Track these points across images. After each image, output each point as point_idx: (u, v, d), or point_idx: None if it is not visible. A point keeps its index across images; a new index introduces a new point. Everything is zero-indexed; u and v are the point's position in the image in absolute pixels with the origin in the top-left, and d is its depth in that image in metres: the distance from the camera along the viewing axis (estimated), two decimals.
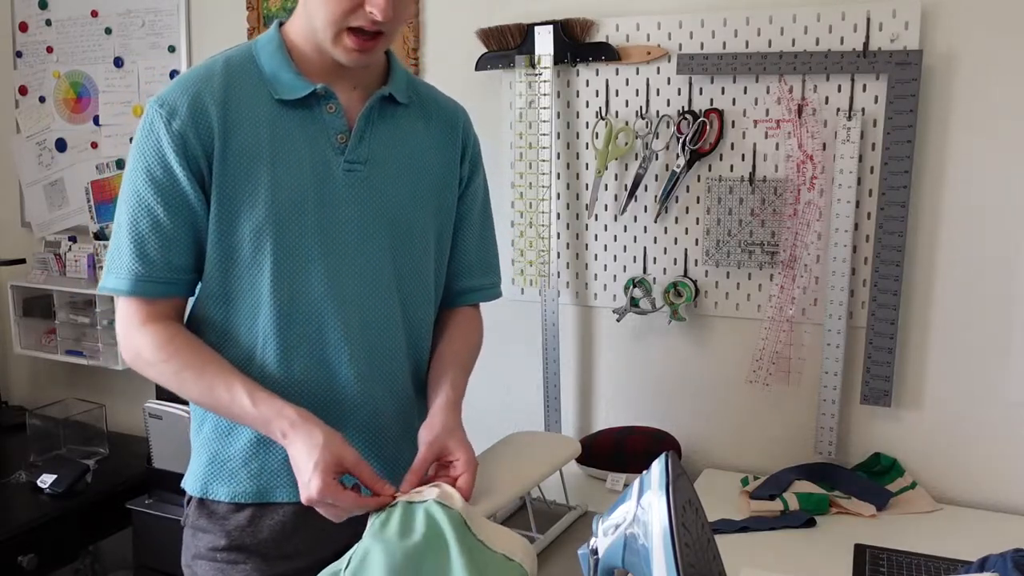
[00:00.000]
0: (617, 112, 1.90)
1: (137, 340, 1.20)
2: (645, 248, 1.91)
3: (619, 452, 1.86)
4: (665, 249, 1.90)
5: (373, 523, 1.09)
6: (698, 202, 1.85)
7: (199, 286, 1.24)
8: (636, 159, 1.88)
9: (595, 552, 1.00)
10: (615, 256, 1.95)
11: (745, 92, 1.78)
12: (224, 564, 1.25)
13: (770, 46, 1.75)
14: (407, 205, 1.27)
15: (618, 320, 1.91)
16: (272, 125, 1.20)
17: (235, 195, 1.18)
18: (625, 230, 1.93)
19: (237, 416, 1.17)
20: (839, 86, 1.71)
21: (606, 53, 1.87)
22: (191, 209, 1.18)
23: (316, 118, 1.22)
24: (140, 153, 1.18)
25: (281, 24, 1.27)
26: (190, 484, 1.29)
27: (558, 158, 1.96)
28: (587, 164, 1.95)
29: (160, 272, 1.19)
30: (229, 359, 1.21)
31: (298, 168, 1.20)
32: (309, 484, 1.09)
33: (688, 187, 1.86)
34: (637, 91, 1.88)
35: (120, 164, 2.50)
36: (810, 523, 1.58)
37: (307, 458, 1.10)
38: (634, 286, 1.89)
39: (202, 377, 1.18)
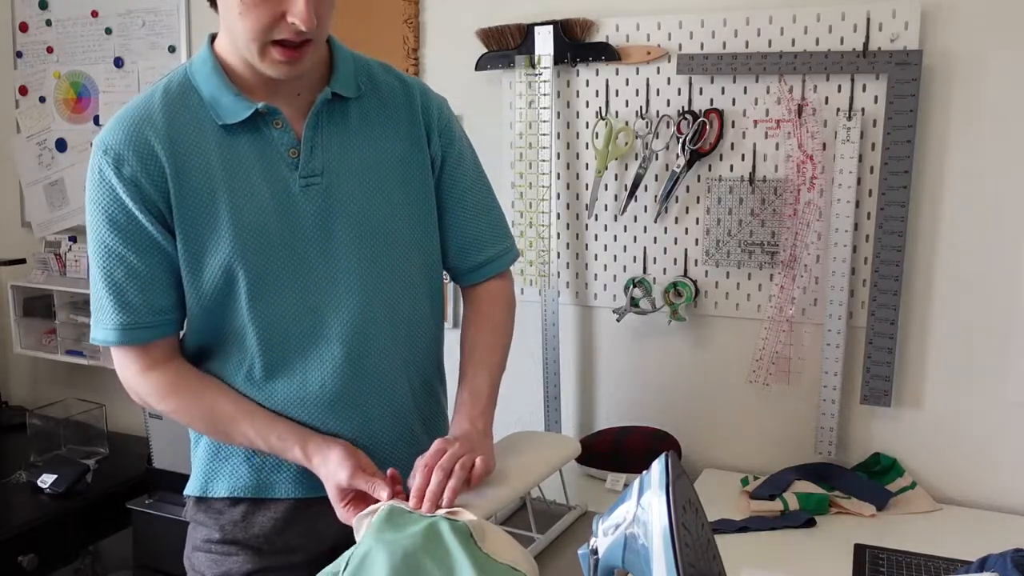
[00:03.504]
0: (617, 112, 1.90)
1: (139, 388, 1.22)
2: (645, 248, 1.91)
3: (619, 452, 1.86)
4: (665, 249, 1.90)
5: (371, 522, 1.09)
6: (698, 202, 1.85)
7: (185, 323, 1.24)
8: (636, 159, 1.88)
9: (595, 552, 1.00)
10: (615, 256, 1.95)
11: (745, 92, 1.78)
12: (218, 555, 1.27)
13: (770, 46, 1.75)
14: (374, 206, 1.24)
15: (618, 320, 1.91)
16: (222, 154, 1.17)
17: (198, 232, 1.17)
18: (625, 230, 1.93)
19: (256, 448, 1.21)
20: (839, 86, 1.71)
21: (606, 53, 1.87)
22: (161, 250, 1.17)
23: (265, 137, 1.18)
24: (97, 203, 1.16)
25: (213, 39, 1.21)
26: (191, 487, 1.30)
27: (558, 158, 1.96)
28: (587, 164, 1.95)
29: (145, 317, 1.18)
30: None
31: (255, 193, 1.17)
32: (337, 471, 1.14)
33: (688, 187, 1.86)
34: (637, 91, 1.88)
35: None
36: (810, 523, 1.58)
37: (329, 452, 1.16)
38: (634, 286, 1.89)
39: (215, 424, 1.21)
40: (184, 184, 1.15)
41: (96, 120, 2.52)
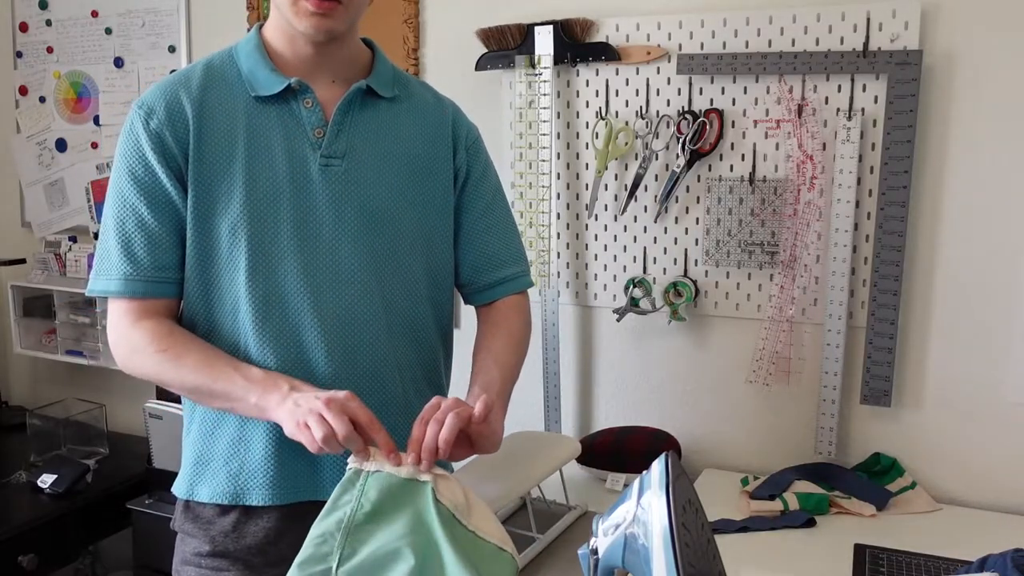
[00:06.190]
0: (617, 112, 1.90)
1: (131, 336, 1.19)
2: (645, 248, 1.91)
3: (619, 452, 1.86)
4: (665, 249, 1.90)
5: (360, 499, 1.06)
6: (698, 202, 1.86)
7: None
8: (636, 159, 1.88)
9: (595, 552, 1.00)
10: (615, 256, 1.95)
11: (745, 92, 1.78)
12: (208, 571, 1.25)
13: (770, 46, 1.75)
14: (388, 199, 1.25)
15: (618, 320, 1.91)
16: (248, 122, 1.20)
17: (211, 191, 1.19)
18: (625, 230, 1.93)
19: (240, 389, 1.14)
20: (839, 86, 1.71)
21: (606, 53, 1.87)
22: (174, 208, 1.19)
23: (293, 113, 1.22)
24: (123, 154, 1.20)
25: (261, 27, 1.27)
26: (178, 487, 1.29)
27: (558, 158, 1.96)
28: (587, 164, 1.95)
29: (149, 272, 1.19)
30: None
31: (273, 164, 1.20)
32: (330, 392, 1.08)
33: (688, 187, 1.86)
34: (637, 91, 1.88)
35: None
36: (810, 523, 1.58)
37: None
38: (634, 286, 1.89)
39: (203, 360, 1.17)
40: (205, 141, 1.19)
41: (96, 120, 2.52)
